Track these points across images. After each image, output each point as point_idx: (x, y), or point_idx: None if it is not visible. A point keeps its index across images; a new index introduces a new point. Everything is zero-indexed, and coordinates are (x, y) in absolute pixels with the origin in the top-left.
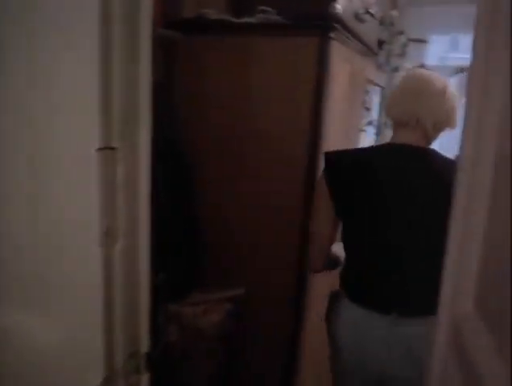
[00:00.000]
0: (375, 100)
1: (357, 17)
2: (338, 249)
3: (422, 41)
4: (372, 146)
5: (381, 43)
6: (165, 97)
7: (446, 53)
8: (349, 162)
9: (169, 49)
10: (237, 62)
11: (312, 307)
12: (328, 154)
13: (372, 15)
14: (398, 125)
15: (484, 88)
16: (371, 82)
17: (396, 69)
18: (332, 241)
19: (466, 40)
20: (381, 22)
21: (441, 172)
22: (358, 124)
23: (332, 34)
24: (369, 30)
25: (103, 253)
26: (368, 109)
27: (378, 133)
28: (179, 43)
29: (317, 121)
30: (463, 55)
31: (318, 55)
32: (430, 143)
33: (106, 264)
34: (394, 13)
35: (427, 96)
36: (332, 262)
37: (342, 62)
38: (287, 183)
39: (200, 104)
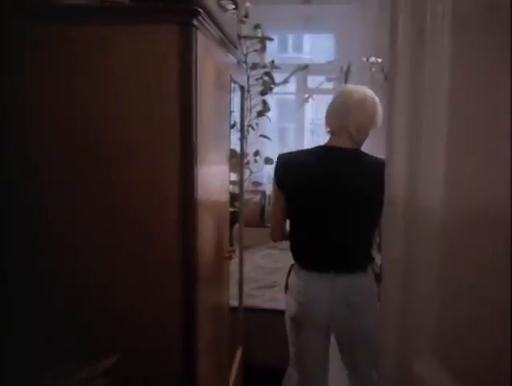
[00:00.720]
0: (236, 100)
1: (219, 3)
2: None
3: (269, 39)
4: (308, 149)
5: (238, 38)
6: None
7: (277, 53)
8: (290, 162)
9: None
10: (71, 60)
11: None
12: (278, 157)
13: (234, 3)
14: (331, 132)
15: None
16: (233, 81)
17: (255, 66)
18: (285, 221)
19: (296, 40)
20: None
21: (362, 165)
22: (226, 128)
23: (195, 22)
24: (231, 21)
25: None
26: (230, 111)
27: (242, 138)
28: None
29: (187, 131)
30: (294, 54)
31: (180, 49)
32: (358, 144)
33: None
34: (248, 4)
35: (348, 108)
36: (287, 235)
37: (207, 57)
38: (159, 211)
39: (21, 122)
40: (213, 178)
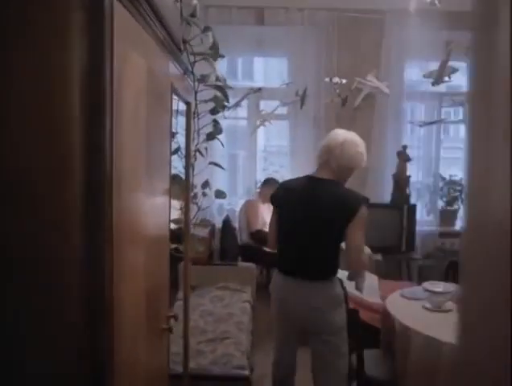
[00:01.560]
0: (180, 120)
1: None
2: None
3: (221, 56)
4: (300, 177)
5: (183, 42)
6: None
7: (227, 80)
8: (284, 185)
9: None
10: None
11: None
12: (280, 183)
13: None
14: (319, 165)
15: None
16: (176, 94)
17: (204, 79)
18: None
19: (246, 66)
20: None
21: (333, 193)
22: (166, 153)
23: None
24: (173, 13)
25: None
26: (173, 133)
27: (188, 166)
28: None
29: (94, 152)
30: (244, 82)
31: (85, 24)
32: (338, 178)
33: None
34: (196, 2)
35: (331, 148)
36: None
37: (134, 47)
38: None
39: None
40: (144, 215)
